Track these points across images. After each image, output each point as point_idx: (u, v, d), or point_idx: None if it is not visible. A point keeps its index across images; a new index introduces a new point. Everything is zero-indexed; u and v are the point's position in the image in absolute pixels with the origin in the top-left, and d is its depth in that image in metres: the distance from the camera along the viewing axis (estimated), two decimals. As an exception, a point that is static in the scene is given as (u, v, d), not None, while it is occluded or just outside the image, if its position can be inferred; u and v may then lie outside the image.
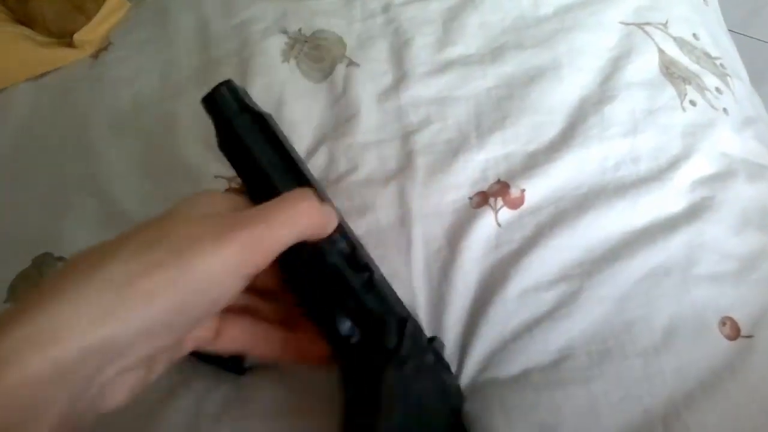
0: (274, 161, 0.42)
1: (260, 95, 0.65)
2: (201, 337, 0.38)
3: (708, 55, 0.66)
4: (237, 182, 0.61)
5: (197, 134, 0.65)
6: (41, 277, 0.59)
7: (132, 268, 0.30)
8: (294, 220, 0.36)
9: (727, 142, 0.59)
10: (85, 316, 0.28)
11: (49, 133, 0.71)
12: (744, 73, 0.74)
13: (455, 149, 0.58)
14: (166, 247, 0.31)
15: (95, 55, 0.78)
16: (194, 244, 0.31)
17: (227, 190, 0.61)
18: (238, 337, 0.40)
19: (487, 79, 0.62)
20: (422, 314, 0.51)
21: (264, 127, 0.43)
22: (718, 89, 0.62)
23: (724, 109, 0.61)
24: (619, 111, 0.58)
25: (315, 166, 0.60)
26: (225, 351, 0.39)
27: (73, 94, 0.74)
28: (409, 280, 0.52)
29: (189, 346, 0.37)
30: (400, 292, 0.46)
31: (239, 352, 0.41)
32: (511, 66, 0.63)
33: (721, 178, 0.56)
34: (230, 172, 0.61)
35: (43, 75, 0.78)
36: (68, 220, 0.63)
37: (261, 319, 0.41)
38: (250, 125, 0.43)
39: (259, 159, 0.42)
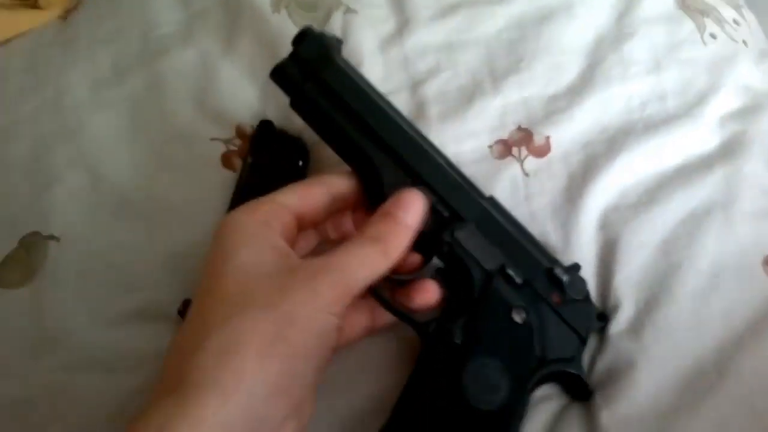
0: (356, 127, 0.44)
1: (250, 49, 0.61)
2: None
3: (722, -14, 0.63)
4: (234, 144, 0.57)
5: (186, 95, 0.60)
6: (30, 259, 0.55)
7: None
8: (382, 259, 0.39)
9: (749, 75, 0.57)
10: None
11: (23, 104, 0.65)
12: (758, 5, 0.72)
13: (469, 96, 0.55)
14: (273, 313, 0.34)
15: (64, 16, 0.72)
16: (288, 297, 0.35)
17: (224, 155, 0.57)
18: (357, 322, 0.43)
19: (496, 20, 0.59)
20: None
21: (339, 86, 0.45)
22: (735, 21, 0.60)
23: (744, 41, 0.59)
24: (639, 48, 0.56)
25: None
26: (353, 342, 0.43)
27: (45, 61, 0.68)
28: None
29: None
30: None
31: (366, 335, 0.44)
32: (520, 5, 0.59)
33: (749, 111, 0.54)
34: (224, 133, 0.58)
35: (8, 41, 0.71)
36: (55, 196, 0.58)
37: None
38: (321, 92, 0.45)
39: (340, 130, 0.45)
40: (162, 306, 0.51)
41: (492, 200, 0.46)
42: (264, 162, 0.55)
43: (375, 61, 0.58)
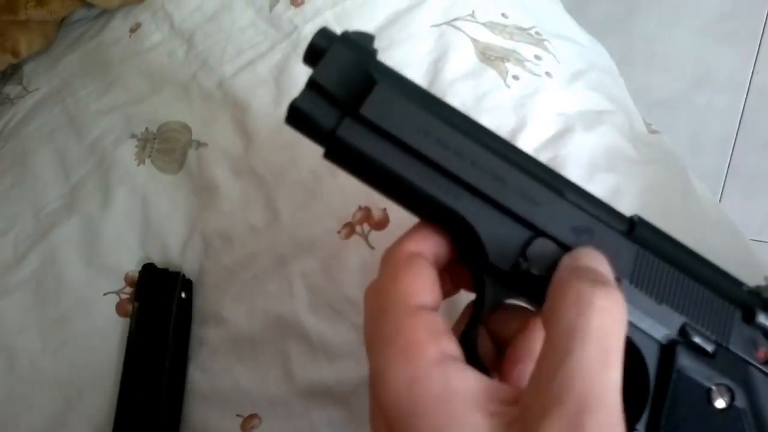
0: (425, 172, 0.31)
1: (125, 203, 0.67)
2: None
3: (521, 29, 0.69)
4: (125, 292, 0.63)
5: (78, 258, 0.66)
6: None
7: None
8: (605, 363, 0.25)
9: (559, 101, 0.62)
10: None
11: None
12: (571, 31, 0.78)
13: (312, 190, 0.60)
14: None
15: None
16: None
17: (118, 305, 0.62)
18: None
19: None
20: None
21: (389, 116, 0.31)
22: (537, 56, 0.65)
23: (547, 73, 0.64)
24: (450, 108, 0.61)
25: (190, 258, 0.62)
26: None
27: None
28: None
29: None
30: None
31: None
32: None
33: (560, 136, 0.59)
34: (116, 284, 0.63)
35: None
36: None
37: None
38: (364, 131, 0.31)
39: (401, 180, 0.31)
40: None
41: (642, 226, 0.33)
42: (150, 302, 0.60)
43: (229, 183, 0.64)
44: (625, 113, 0.66)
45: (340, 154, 0.32)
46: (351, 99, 0.31)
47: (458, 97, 0.61)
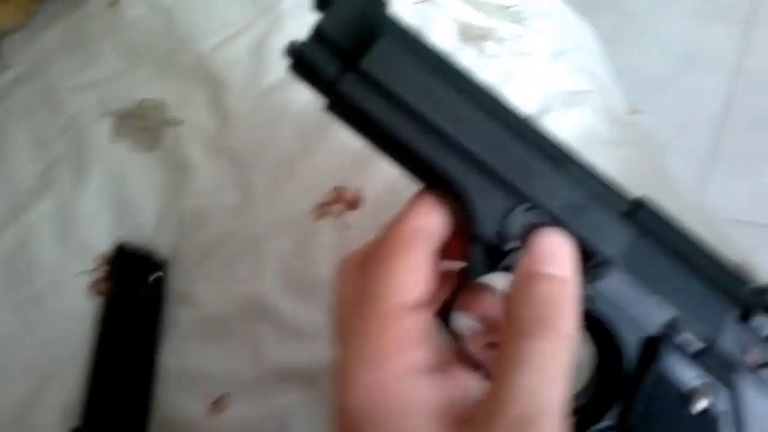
0: (425, 134, 0.30)
1: (99, 182, 0.66)
2: None
3: (502, 6, 0.68)
4: (100, 272, 0.62)
5: (51, 238, 0.65)
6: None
7: None
8: (559, 350, 0.26)
9: (538, 80, 0.61)
10: None
11: None
12: (555, 9, 0.76)
13: (288, 170, 0.60)
14: None
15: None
16: None
17: (92, 284, 0.61)
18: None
19: (307, 92, 0.63)
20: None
21: (394, 74, 0.30)
22: (518, 35, 0.65)
23: (527, 52, 0.63)
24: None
25: (165, 237, 0.61)
26: None
27: None
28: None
29: None
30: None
31: None
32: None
33: (539, 116, 0.58)
34: (89, 264, 0.62)
35: None
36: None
37: None
38: (366, 87, 0.30)
39: (400, 141, 0.30)
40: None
41: (645, 209, 0.32)
42: (123, 282, 0.60)
43: (204, 163, 0.63)
44: (605, 94, 0.66)
45: (340, 107, 0.31)
46: (355, 51, 0.30)
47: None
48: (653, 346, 0.29)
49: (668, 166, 0.60)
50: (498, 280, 0.33)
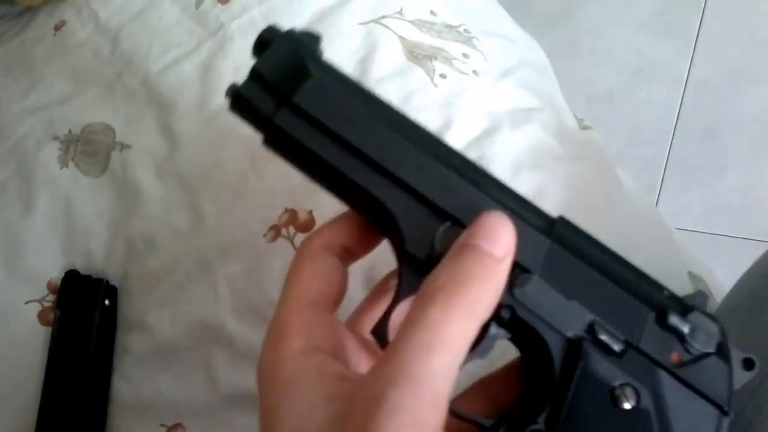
0: (354, 162, 0.32)
1: (47, 208, 0.65)
2: None
3: (449, 26, 0.69)
4: (48, 300, 0.61)
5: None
6: None
7: None
8: (466, 319, 0.26)
9: (486, 99, 0.62)
10: None
11: None
12: (503, 27, 0.78)
13: (237, 192, 0.59)
14: None
15: None
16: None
17: (40, 313, 0.60)
18: None
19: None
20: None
21: (324, 109, 0.33)
22: (465, 54, 0.65)
23: (474, 71, 0.64)
24: (376, 107, 0.60)
25: (114, 263, 0.60)
26: None
27: None
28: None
29: None
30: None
31: None
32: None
33: (486, 135, 0.59)
34: (38, 292, 0.61)
35: None
36: None
37: None
38: (299, 121, 0.33)
39: (331, 168, 0.33)
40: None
41: (562, 225, 0.33)
42: (72, 310, 0.59)
43: (154, 187, 0.62)
44: (554, 110, 0.67)
45: (277, 141, 0.34)
46: (288, 88, 0.33)
47: (385, 96, 0.61)
48: (576, 347, 0.30)
49: (621, 178, 0.61)
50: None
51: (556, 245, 0.32)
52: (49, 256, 0.63)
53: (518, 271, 0.31)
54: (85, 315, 0.58)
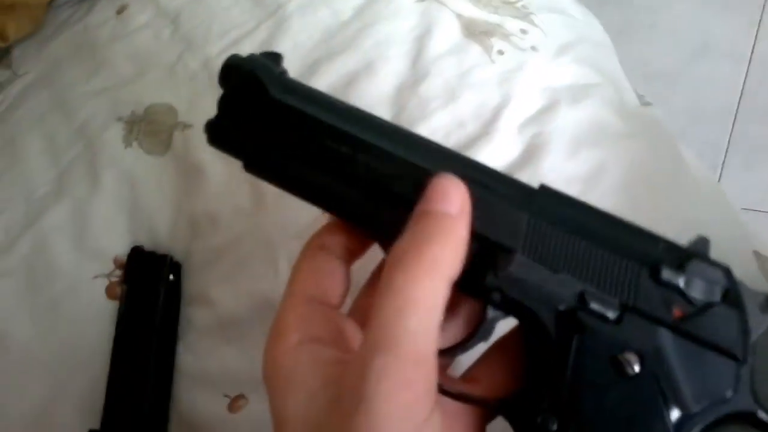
0: (327, 175, 0.34)
1: (113, 187, 0.67)
2: None
3: (506, 2, 0.68)
4: (115, 275, 0.63)
5: (68, 242, 0.66)
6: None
7: None
8: (434, 276, 0.27)
9: (544, 76, 0.61)
10: None
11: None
12: (561, 3, 0.76)
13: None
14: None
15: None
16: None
17: (108, 288, 0.62)
18: None
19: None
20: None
21: (284, 129, 0.34)
22: (523, 30, 0.65)
23: (532, 47, 0.63)
24: (433, 86, 0.60)
25: (178, 240, 0.62)
26: None
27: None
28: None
29: None
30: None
31: None
32: (327, 77, 0.64)
33: (545, 111, 0.58)
34: (105, 268, 0.63)
35: None
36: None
37: None
38: (267, 144, 0.35)
39: (307, 183, 0.35)
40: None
41: (542, 195, 0.33)
42: (138, 285, 0.61)
43: (215, 166, 0.64)
44: (613, 86, 0.66)
45: (255, 165, 0.36)
46: (251, 118, 0.35)
47: (441, 74, 0.61)
48: (570, 319, 0.30)
49: (683, 156, 0.60)
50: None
51: (536, 218, 0.31)
52: (115, 233, 0.65)
53: (500, 251, 0.31)
54: (150, 289, 0.60)
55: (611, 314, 0.29)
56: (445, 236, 0.28)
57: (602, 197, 0.53)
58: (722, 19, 1.50)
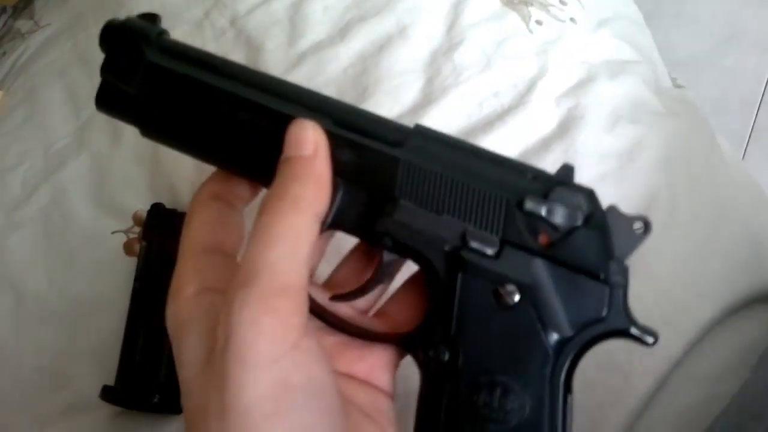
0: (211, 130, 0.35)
1: (134, 142, 0.66)
2: None
3: (547, -28, 0.66)
4: (133, 231, 0.62)
5: (86, 198, 0.65)
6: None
7: None
8: (298, 216, 0.29)
9: (583, 48, 0.60)
10: None
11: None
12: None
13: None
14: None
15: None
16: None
17: (126, 244, 0.61)
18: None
19: (341, 60, 0.63)
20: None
21: (165, 87, 0.34)
22: (562, 1, 0.63)
23: (572, 19, 0.62)
24: (469, 53, 0.59)
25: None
26: None
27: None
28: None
29: None
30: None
31: None
32: (360, 41, 0.63)
33: (582, 84, 0.57)
34: (124, 223, 0.62)
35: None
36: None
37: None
38: (154, 104, 0.35)
39: (196, 140, 0.36)
40: (86, 398, 0.55)
41: (416, 136, 0.33)
42: (157, 242, 0.59)
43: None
44: (650, 65, 0.64)
45: (145, 130, 0.36)
46: (132, 77, 0.34)
47: (477, 42, 0.59)
48: (455, 258, 0.31)
49: (717, 140, 0.59)
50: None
51: (409, 163, 0.32)
52: (135, 189, 0.64)
53: (385, 199, 0.32)
54: (169, 247, 0.59)
55: (490, 250, 0.31)
56: (302, 176, 0.30)
57: (638, 174, 0.52)
58: (750, 9, 1.48)
